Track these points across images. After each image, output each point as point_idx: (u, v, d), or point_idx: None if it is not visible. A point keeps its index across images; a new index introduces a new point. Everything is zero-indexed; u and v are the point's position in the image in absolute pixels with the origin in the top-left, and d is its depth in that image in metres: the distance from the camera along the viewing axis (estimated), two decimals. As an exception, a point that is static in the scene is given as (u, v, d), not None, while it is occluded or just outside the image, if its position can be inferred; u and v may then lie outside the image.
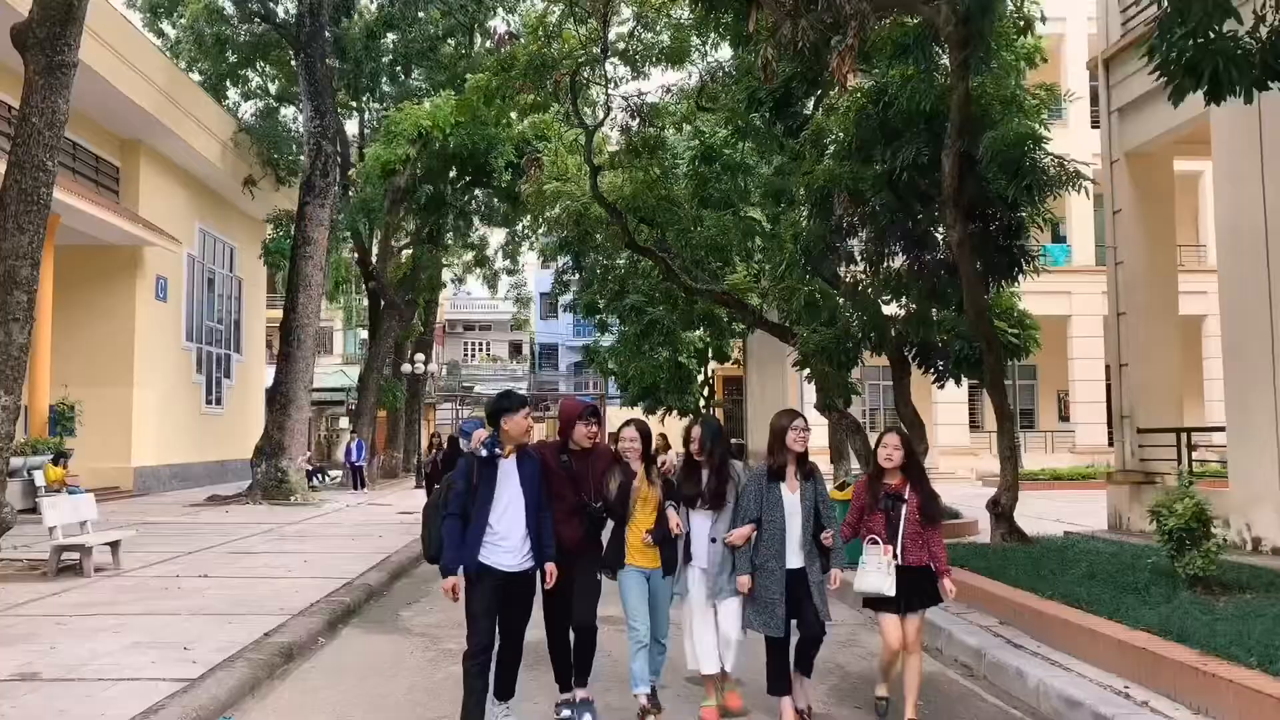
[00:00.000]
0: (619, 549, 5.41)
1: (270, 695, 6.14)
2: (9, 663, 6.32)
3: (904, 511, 5.29)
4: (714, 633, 5.46)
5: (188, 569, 10.62)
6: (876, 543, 5.25)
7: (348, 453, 27.16)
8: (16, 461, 14.77)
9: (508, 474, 5.04)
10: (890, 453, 5.37)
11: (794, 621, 5.22)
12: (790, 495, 5.28)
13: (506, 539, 4.98)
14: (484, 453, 4.97)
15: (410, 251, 30.86)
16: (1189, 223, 26.89)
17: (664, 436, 16.51)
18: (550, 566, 5.10)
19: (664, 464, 5.54)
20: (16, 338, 10.45)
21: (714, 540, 5.39)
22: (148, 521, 15.59)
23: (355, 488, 25.40)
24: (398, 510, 18.66)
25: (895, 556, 5.21)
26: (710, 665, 5.46)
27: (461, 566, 4.92)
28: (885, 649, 5.38)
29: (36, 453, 16.88)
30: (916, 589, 5.28)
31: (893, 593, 5.18)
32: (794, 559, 5.24)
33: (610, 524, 5.51)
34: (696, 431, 5.55)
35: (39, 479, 16.61)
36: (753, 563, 5.25)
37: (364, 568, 10.71)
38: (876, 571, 5.22)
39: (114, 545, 10.61)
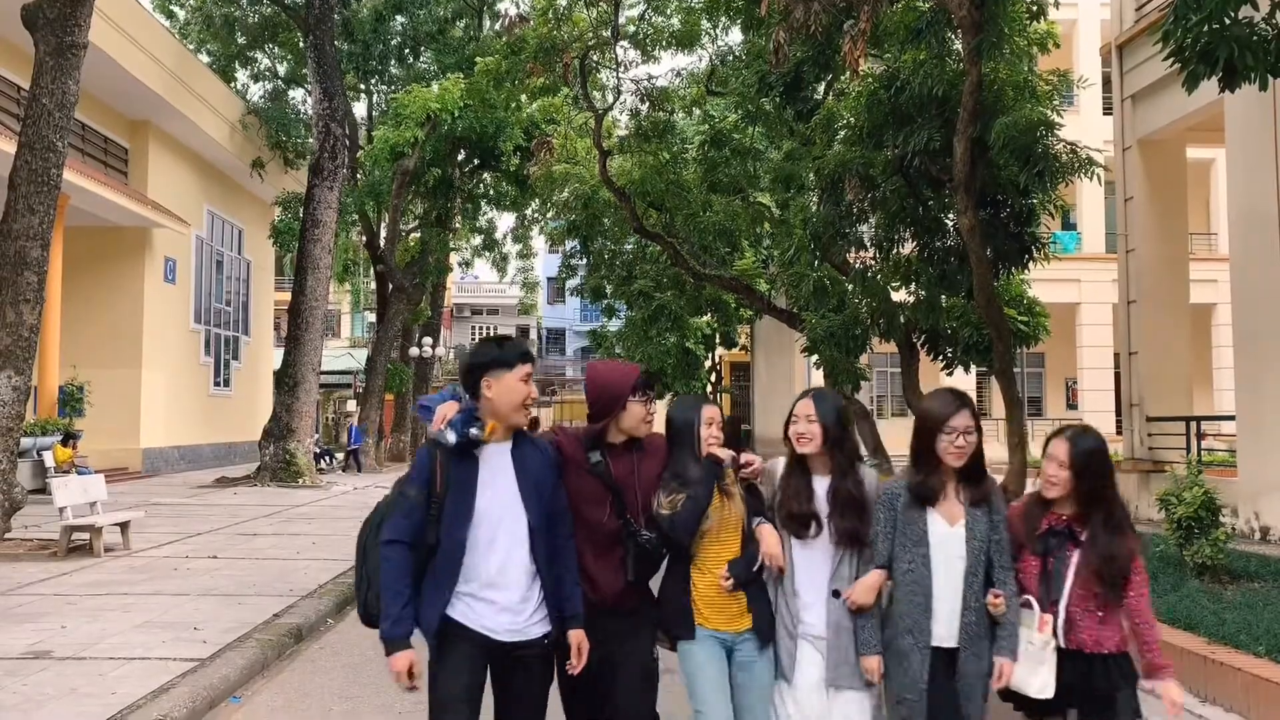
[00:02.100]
0: (682, 602, 3.48)
1: (279, 675, 6.17)
2: (21, 641, 6.37)
3: (1073, 561, 3.37)
4: None
5: (197, 550, 10.67)
6: (1030, 607, 3.36)
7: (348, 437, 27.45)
8: (26, 442, 14.84)
9: (496, 474, 3.20)
10: (1055, 471, 3.41)
11: None
12: (947, 530, 3.38)
13: (496, 587, 3.15)
14: (451, 437, 3.15)
15: (418, 235, 30.85)
16: (1200, 210, 26.76)
17: (736, 421, 15.46)
18: (576, 636, 3.25)
19: (749, 464, 3.60)
20: (27, 318, 10.49)
21: (836, 595, 3.43)
22: (156, 502, 15.67)
23: (355, 471, 25.65)
24: (405, 493, 18.71)
25: (1055, 633, 3.32)
26: None
27: (418, 629, 3.16)
28: None
29: (46, 433, 16.96)
30: (1092, 688, 3.33)
31: (1049, 692, 3.30)
32: (944, 631, 3.35)
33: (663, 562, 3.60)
34: (807, 407, 3.51)
35: (48, 459, 16.69)
36: (884, 635, 3.43)
37: (372, 550, 10.74)
38: (1025, 656, 3.34)
39: (123, 526, 10.67)
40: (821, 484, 3.50)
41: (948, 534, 3.39)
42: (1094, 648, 3.32)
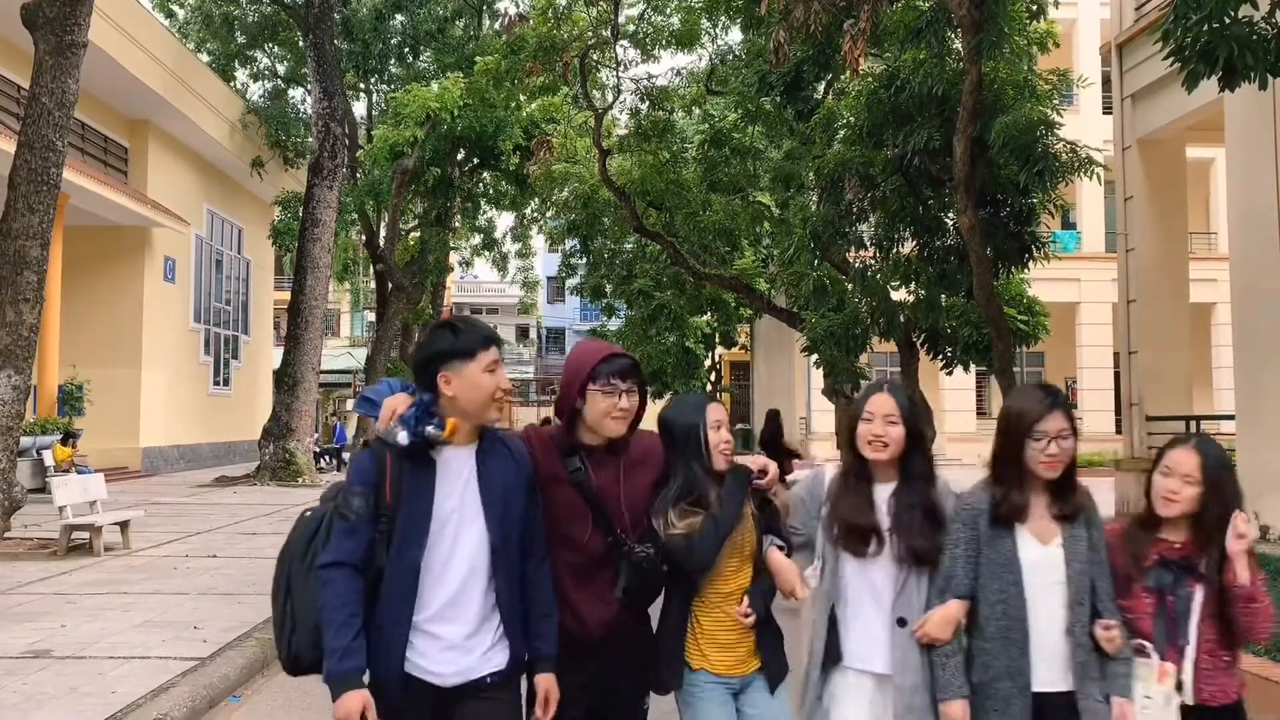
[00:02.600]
0: (675, 644, 2.96)
1: (279, 675, 6.17)
2: (21, 640, 6.37)
3: (1197, 600, 2.85)
4: None
5: (197, 549, 10.67)
6: (1144, 653, 2.83)
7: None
8: (26, 441, 14.84)
9: (455, 481, 2.66)
10: (1178, 488, 2.86)
11: None
12: (1040, 552, 2.84)
13: (445, 620, 2.62)
14: (403, 437, 2.58)
15: (418, 234, 30.85)
16: (1200, 210, 26.76)
17: (775, 417, 15.22)
18: (545, 682, 2.76)
19: (763, 473, 3.05)
20: (26, 317, 10.49)
21: (903, 623, 2.88)
22: (156, 501, 15.66)
23: (338, 470, 25.70)
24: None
25: (1179, 685, 2.81)
26: None
27: (369, 673, 2.57)
28: None
29: (45, 432, 16.95)
30: None
31: None
32: (1048, 672, 2.81)
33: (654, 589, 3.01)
34: (886, 404, 2.95)
35: (48, 459, 16.69)
36: (969, 678, 2.85)
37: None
38: (1142, 714, 2.81)
39: (123, 525, 10.66)
40: (883, 492, 2.96)
41: (1042, 556, 2.84)
42: (1220, 699, 2.82)
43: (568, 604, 2.86)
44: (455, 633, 2.62)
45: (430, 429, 2.60)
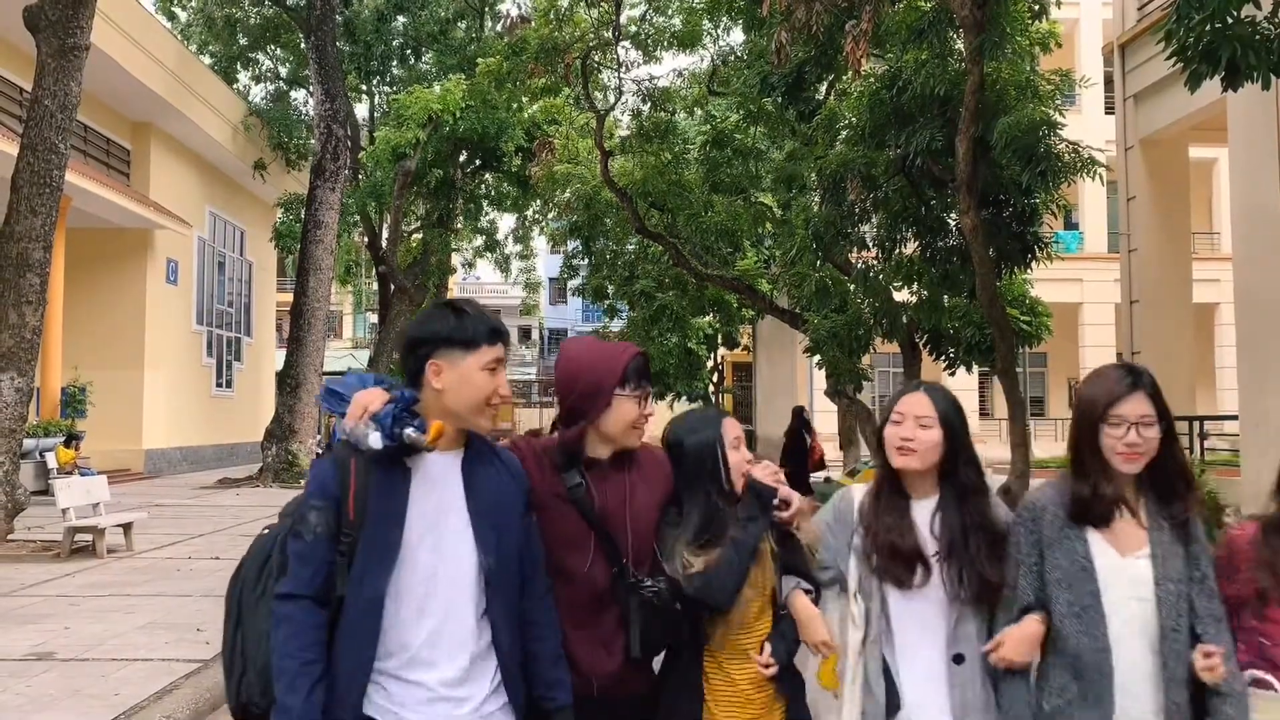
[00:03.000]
0: (691, 703, 2.54)
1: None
2: (24, 642, 6.37)
3: None
4: None
5: (200, 551, 10.67)
6: (1269, 686, 2.38)
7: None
8: (29, 443, 14.85)
9: (436, 495, 2.25)
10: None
11: None
12: (1120, 563, 2.39)
13: (426, 664, 2.19)
14: (376, 441, 2.15)
15: (420, 236, 30.87)
16: (1203, 210, 26.74)
17: (800, 414, 15.13)
18: None
19: (786, 503, 2.63)
20: (29, 320, 10.50)
21: (960, 660, 2.47)
22: (159, 503, 15.67)
23: None
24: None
25: None
26: None
27: None
28: None
29: (48, 435, 16.97)
30: None
31: None
32: (1134, 709, 2.34)
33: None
34: (921, 404, 2.54)
35: (51, 461, 16.70)
36: (1041, 706, 2.42)
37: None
38: None
39: (126, 527, 10.67)
40: (923, 509, 2.53)
41: (1123, 568, 2.36)
42: None
43: (566, 646, 2.41)
44: (440, 679, 2.17)
45: (410, 431, 2.15)
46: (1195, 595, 2.36)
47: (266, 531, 2.37)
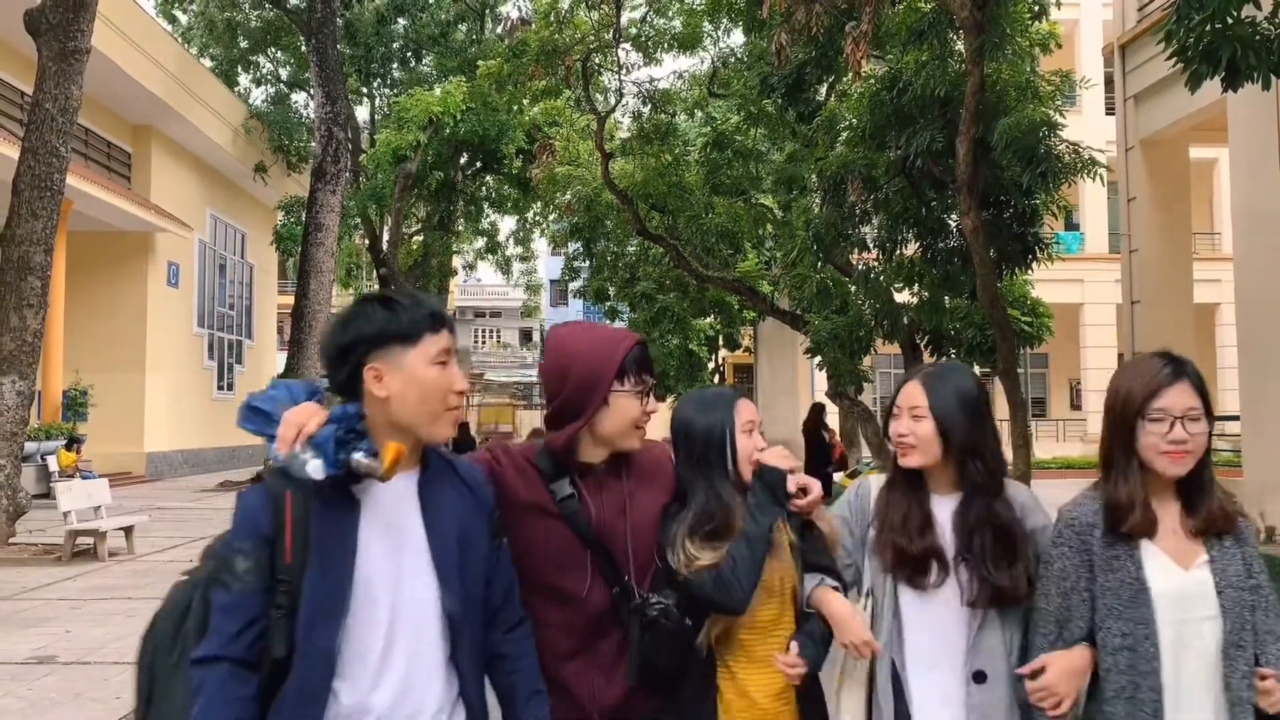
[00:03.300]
0: (702, 713, 2.25)
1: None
2: (25, 645, 6.37)
3: None
4: None
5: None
6: None
7: None
8: (30, 446, 14.86)
9: (389, 527, 1.91)
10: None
11: None
12: (1178, 578, 2.12)
13: None
14: (317, 469, 1.79)
15: (421, 238, 30.90)
16: (1204, 210, 26.73)
17: (819, 411, 15.07)
18: None
19: (804, 490, 2.30)
20: (30, 323, 10.50)
21: (981, 679, 2.24)
22: (160, 506, 15.68)
23: None
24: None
25: None
26: None
27: None
28: None
29: (50, 438, 16.98)
30: None
31: None
32: None
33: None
34: (914, 395, 2.33)
35: (52, 464, 16.71)
36: None
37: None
38: None
39: (128, 530, 10.68)
40: (945, 506, 2.30)
41: (1182, 584, 2.09)
42: None
43: (557, 683, 2.11)
44: None
45: (360, 456, 1.78)
46: (1256, 609, 2.10)
47: (185, 579, 1.95)
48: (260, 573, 1.80)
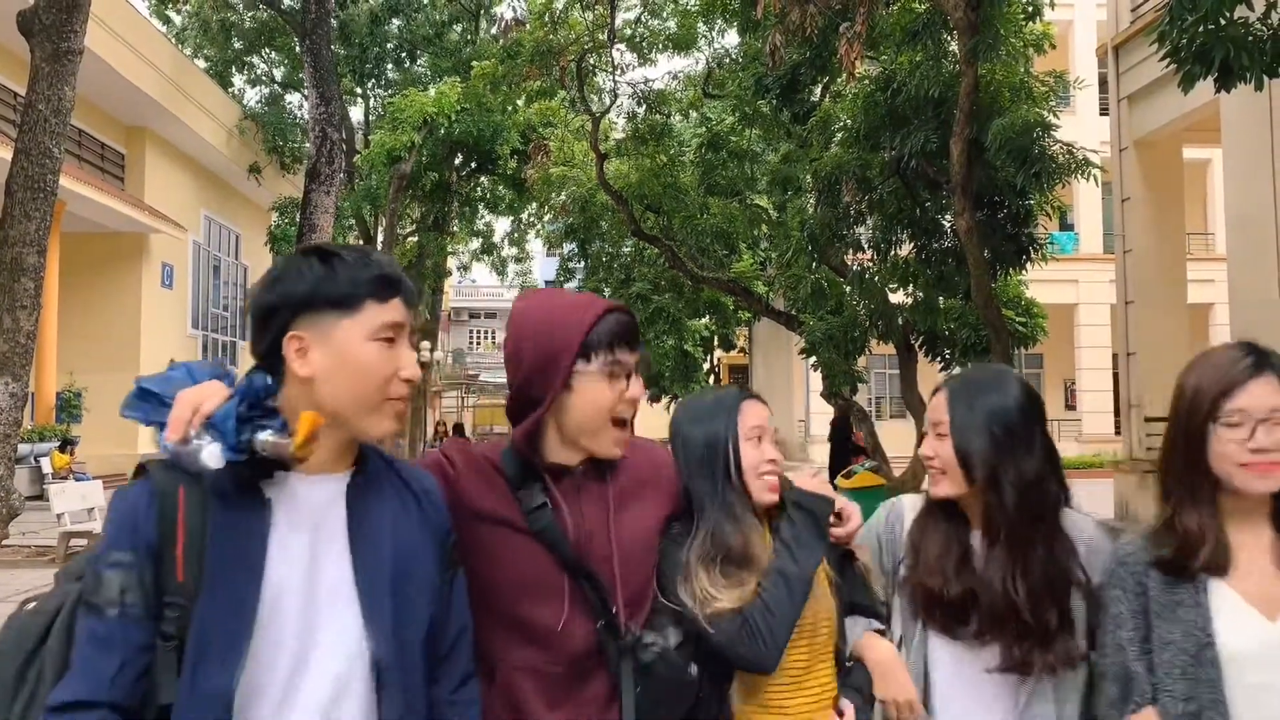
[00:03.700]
0: None
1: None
2: (18, 648, 6.35)
3: None
4: None
5: (195, 555, 10.65)
6: None
7: None
8: (23, 448, 14.82)
9: (305, 538, 1.50)
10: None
11: None
12: (1259, 630, 1.67)
13: None
14: (213, 456, 1.40)
15: (415, 239, 30.88)
16: (1197, 210, 26.80)
17: (845, 422, 13.66)
18: None
19: (844, 517, 2.01)
20: (24, 324, 10.47)
21: None
22: (155, 508, 15.63)
23: None
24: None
25: None
26: None
27: None
28: None
29: (43, 439, 16.94)
30: None
31: None
32: None
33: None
34: (939, 409, 1.99)
35: (45, 466, 16.67)
36: None
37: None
38: None
39: (121, 532, 10.66)
40: (980, 540, 1.92)
41: (1263, 638, 1.66)
42: None
43: None
44: None
45: (267, 435, 1.42)
46: None
47: (31, 607, 1.51)
48: (143, 594, 1.40)
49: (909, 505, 2.08)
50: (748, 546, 1.81)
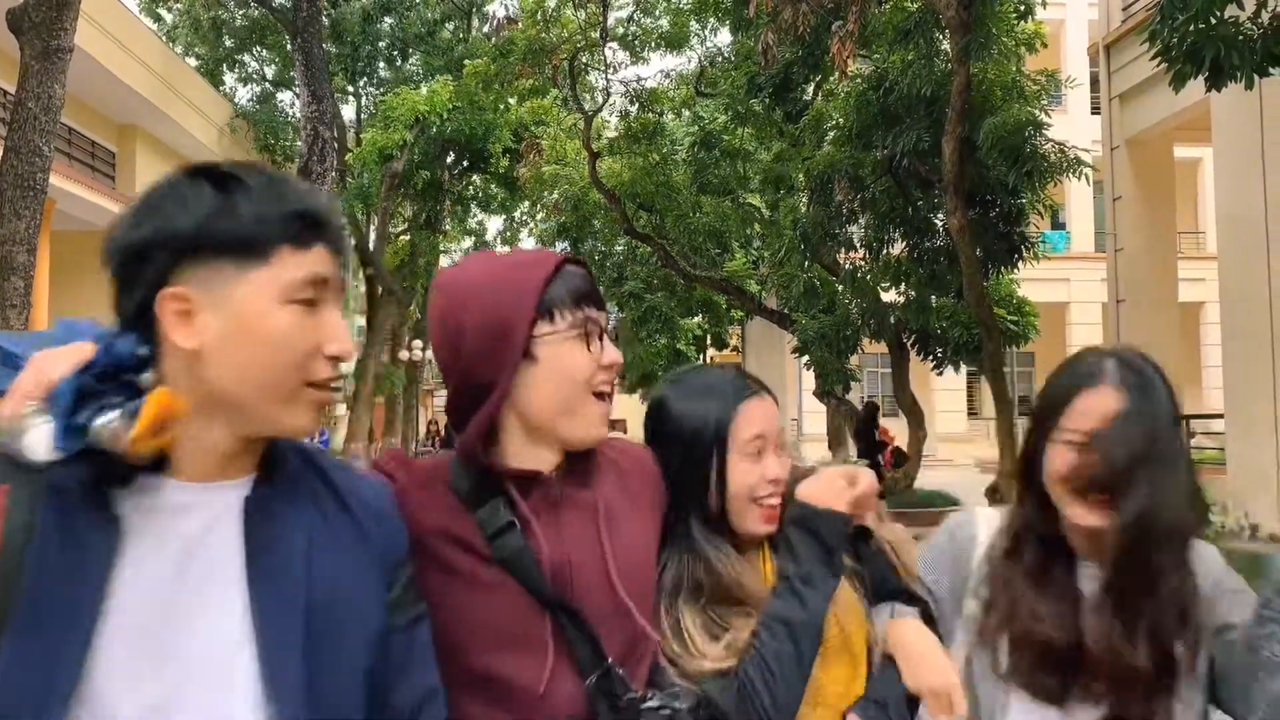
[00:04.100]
0: None
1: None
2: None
3: None
4: None
5: (186, 555, 10.61)
6: None
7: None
8: (14, 448, 14.75)
9: (173, 571, 1.00)
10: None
11: None
12: None
13: None
14: (40, 442, 0.93)
15: (407, 237, 30.85)
16: (1188, 209, 26.89)
17: (872, 409, 13.61)
18: None
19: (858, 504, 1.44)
20: (14, 324, 10.43)
21: None
22: (146, 507, 15.59)
23: None
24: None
25: None
26: None
27: None
28: None
29: (34, 439, 16.88)
30: None
31: None
32: None
33: None
34: (1105, 400, 1.43)
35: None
36: None
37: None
38: None
39: (112, 531, 10.61)
40: (1092, 576, 1.47)
41: None
42: None
43: None
44: None
45: (108, 419, 0.98)
46: None
47: None
48: None
49: (984, 521, 1.62)
50: (736, 580, 1.39)
